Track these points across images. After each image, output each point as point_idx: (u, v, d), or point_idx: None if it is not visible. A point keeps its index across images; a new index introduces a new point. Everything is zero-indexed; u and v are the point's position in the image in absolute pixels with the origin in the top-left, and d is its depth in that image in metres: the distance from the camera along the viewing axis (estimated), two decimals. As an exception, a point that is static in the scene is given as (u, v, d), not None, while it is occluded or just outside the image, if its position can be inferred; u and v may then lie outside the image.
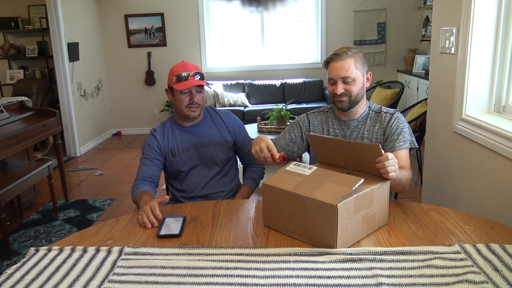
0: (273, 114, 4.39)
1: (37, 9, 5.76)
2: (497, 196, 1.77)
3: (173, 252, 1.24)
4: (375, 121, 1.78)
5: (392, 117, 1.75)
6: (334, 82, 1.70)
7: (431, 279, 1.07)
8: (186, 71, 1.80)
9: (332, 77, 1.70)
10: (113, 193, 3.91)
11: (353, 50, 1.71)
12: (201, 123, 1.94)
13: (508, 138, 1.67)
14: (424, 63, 5.48)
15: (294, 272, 1.11)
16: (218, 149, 1.91)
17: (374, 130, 1.76)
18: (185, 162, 1.89)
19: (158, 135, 1.90)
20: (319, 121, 1.86)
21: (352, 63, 1.68)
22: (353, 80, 1.68)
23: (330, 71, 1.71)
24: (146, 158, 1.86)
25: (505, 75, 1.91)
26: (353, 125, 1.79)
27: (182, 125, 1.92)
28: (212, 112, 1.99)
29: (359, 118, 1.79)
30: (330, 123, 1.84)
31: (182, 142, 1.89)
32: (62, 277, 1.14)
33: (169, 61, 6.19)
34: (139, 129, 6.42)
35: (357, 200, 1.24)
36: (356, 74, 1.68)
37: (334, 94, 1.71)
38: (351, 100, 1.71)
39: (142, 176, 1.80)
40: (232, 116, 2.02)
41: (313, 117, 1.88)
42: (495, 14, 1.89)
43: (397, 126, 1.73)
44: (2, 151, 2.79)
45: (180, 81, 1.79)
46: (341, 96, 1.69)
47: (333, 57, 1.70)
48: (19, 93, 4.97)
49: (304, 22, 6.19)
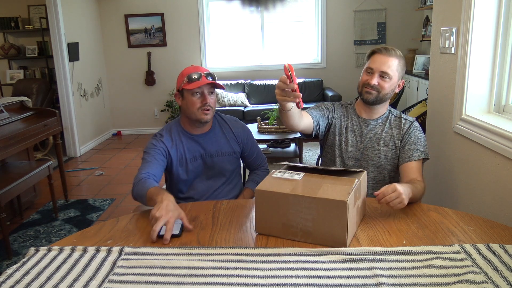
0: (273, 114, 4.39)
1: (37, 9, 5.76)
2: (497, 196, 1.77)
3: (173, 252, 1.24)
4: (394, 125, 1.81)
5: (412, 125, 1.78)
6: (371, 72, 1.73)
7: (431, 279, 1.07)
8: (198, 72, 1.73)
9: (372, 67, 1.72)
10: (113, 193, 3.91)
11: (399, 52, 1.75)
12: (210, 132, 1.85)
13: (508, 138, 1.67)
14: (424, 63, 5.48)
15: (294, 272, 1.11)
16: (225, 160, 1.86)
17: (393, 134, 1.79)
18: (191, 172, 1.83)
19: (166, 141, 1.79)
20: (340, 113, 1.88)
21: (396, 62, 1.72)
22: (389, 78, 1.71)
23: (373, 61, 1.73)
24: (151, 156, 1.73)
25: (505, 75, 1.91)
26: (372, 124, 1.82)
27: (191, 133, 1.83)
28: (220, 120, 1.92)
29: (379, 119, 1.82)
30: (349, 117, 1.86)
31: (190, 151, 1.82)
32: (62, 277, 1.14)
33: (169, 61, 6.19)
34: (139, 129, 6.42)
35: (355, 194, 1.28)
36: (394, 74, 1.72)
37: (367, 84, 1.73)
38: (379, 96, 1.74)
39: (147, 171, 1.65)
40: (240, 124, 1.95)
41: (339, 106, 1.92)
42: (495, 14, 1.89)
43: (415, 136, 1.76)
44: (2, 151, 2.79)
45: (191, 82, 1.72)
46: (372, 88, 1.72)
47: (382, 49, 1.72)
48: (19, 93, 4.97)
49: (304, 22, 6.19)
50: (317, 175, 1.39)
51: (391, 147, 1.79)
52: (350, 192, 1.24)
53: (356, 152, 1.82)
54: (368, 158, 1.80)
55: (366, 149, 1.81)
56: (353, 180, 1.32)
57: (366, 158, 1.80)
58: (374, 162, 1.80)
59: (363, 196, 1.41)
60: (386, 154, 1.79)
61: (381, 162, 1.79)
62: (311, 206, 1.24)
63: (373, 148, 1.80)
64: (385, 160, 1.79)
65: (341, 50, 6.16)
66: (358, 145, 1.82)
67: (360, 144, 1.82)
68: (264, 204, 1.32)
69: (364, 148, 1.81)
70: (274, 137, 4.31)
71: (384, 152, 1.79)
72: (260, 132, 4.40)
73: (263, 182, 1.36)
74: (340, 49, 6.16)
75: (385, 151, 1.79)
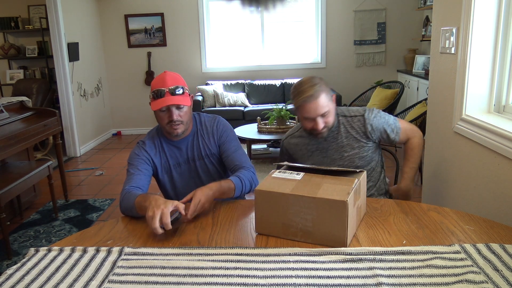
0: (273, 114, 4.39)
1: (37, 9, 5.76)
2: (497, 196, 1.77)
3: (173, 252, 1.24)
4: (349, 127, 1.82)
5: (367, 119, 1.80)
6: (312, 119, 1.72)
7: (431, 279, 1.07)
8: (163, 87, 1.61)
9: (310, 116, 1.71)
10: (113, 193, 3.91)
11: (317, 81, 1.71)
12: (189, 136, 1.79)
13: (508, 138, 1.67)
14: (424, 63, 5.48)
15: (294, 272, 1.11)
16: (208, 162, 1.81)
17: (353, 136, 1.81)
18: (177, 178, 1.80)
19: (149, 149, 1.74)
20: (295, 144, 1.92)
21: (323, 96, 1.69)
22: (329, 112, 1.72)
23: (306, 112, 1.70)
24: (134, 167, 1.68)
25: (505, 75, 1.91)
26: (329, 136, 1.83)
27: (171, 140, 1.77)
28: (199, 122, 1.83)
29: (333, 129, 1.83)
30: (306, 141, 1.89)
31: (172, 157, 1.78)
32: (62, 278, 1.14)
33: (169, 61, 6.20)
34: (139, 129, 6.42)
35: (355, 194, 1.28)
36: (329, 106, 1.72)
37: (315, 129, 1.74)
38: (329, 128, 1.78)
39: (131, 185, 1.60)
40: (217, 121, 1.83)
41: (287, 143, 1.95)
42: (495, 14, 1.89)
43: (379, 124, 1.80)
44: (2, 151, 2.79)
45: (156, 99, 1.61)
46: (322, 129, 1.74)
47: (307, 99, 1.67)
48: (19, 93, 4.97)
49: (304, 22, 6.19)
50: (317, 175, 1.39)
51: (360, 147, 1.80)
52: (350, 192, 1.24)
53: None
54: (344, 167, 1.79)
55: (336, 161, 1.82)
56: (353, 180, 1.32)
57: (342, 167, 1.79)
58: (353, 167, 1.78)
59: (363, 196, 1.42)
60: (359, 155, 1.81)
61: (358, 164, 1.81)
62: (311, 206, 1.24)
63: (342, 157, 1.82)
64: (359, 159, 1.81)
65: (341, 50, 6.16)
66: (327, 161, 1.84)
67: (328, 159, 1.83)
68: (264, 204, 1.32)
69: (333, 161, 1.83)
70: (274, 137, 4.31)
71: (356, 155, 1.80)
72: (260, 132, 4.40)
73: (263, 182, 1.36)
74: (340, 49, 6.16)
75: (356, 153, 1.80)
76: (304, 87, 1.69)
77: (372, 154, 1.84)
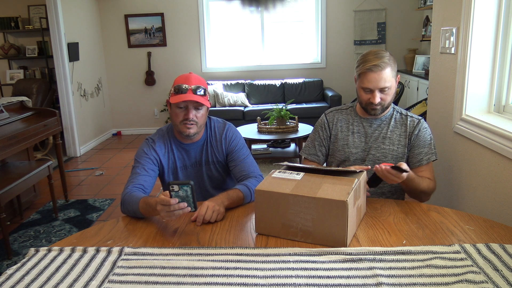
0: (273, 114, 4.39)
1: (37, 9, 5.76)
2: (497, 196, 1.77)
3: (173, 252, 1.24)
4: (400, 123, 1.79)
5: (420, 126, 1.76)
6: (370, 91, 1.68)
7: (431, 279, 1.07)
8: (186, 84, 1.63)
9: (369, 87, 1.67)
10: (113, 193, 3.91)
11: (386, 55, 1.67)
12: (199, 141, 1.78)
13: (508, 138, 1.67)
14: (424, 63, 5.48)
15: (294, 272, 1.11)
16: (214, 168, 1.81)
17: (399, 132, 1.78)
18: (183, 179, 1.78)
19: (159, 148, 1.74)
20: (337, 119, 1.86)
21: (389, 71, 1.65)
22: (389, 89, 1.68)
23: (367, 81, 1.66)
24: (141, 167, 1.67)
25: (505, 75, 1.91)
26: (375, 123, 1.80)
27: (181, 142, 1.76)
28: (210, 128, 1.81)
29: (383, 118, 1.80)
30: (351, 120, 1.84)
31: (179, 159, 1.78)
32: (62, 278, 1.14)
33: (169, 61, 6.20)
34: (139, 129, 6.42)
35: (355, 194, 1.28)
36: (392, 82, 1.68)
37: (370, 103, 1.70)
38: (384, 107, 1.72)
39: (134, 184, 1.60)
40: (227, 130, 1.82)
41: (332, 116, 1.88)
42: (495, 14, 1.89)
43: (424, 138, 1.75)
44: (2, 151, 2.79)
45: (177, 94, 1.63)
46: (377, 104, 1.69)
47: (373, 68, 1.63)
48: (19, 93, 4.97)
49: (304, 22, 6.19)
50: (316, 175, 1.39)
51: (398, 145, 1.77)
52: (350, 192, 1.24)
53: (362, 153, 1.79)
54: (374, 158, 1.77)
55: (372, 149, 1.78)
56: (353, 180, 1.32)
57: (371, 158, 1.77)
58: (381, 162, 1.76)
59: (363, 196, 1.42)
60: (392, 153, 1.77)
61: (388, 161, 1.77)
62: (311, 206, 1.24)
63: (379, 148, 1.78)
64: (391, 159, 1.77)
65: (341, 50, 6.16)
66: (363, 146, 1.80)
67: (365, 145, 1.80)
68: (264, 204, 1.32)
69: (369, 148, 1.79)
70: (274, 137, 4.31)
71: (391, 151, 1.77)
72: (260, 132, 4.40)
73: (263, 182, 1.36)
74: (340, 49, 6.16)
75: (392, 149, 1.77)
76: (372, 56, 1.66)
77: (401, 160, 1.80)
